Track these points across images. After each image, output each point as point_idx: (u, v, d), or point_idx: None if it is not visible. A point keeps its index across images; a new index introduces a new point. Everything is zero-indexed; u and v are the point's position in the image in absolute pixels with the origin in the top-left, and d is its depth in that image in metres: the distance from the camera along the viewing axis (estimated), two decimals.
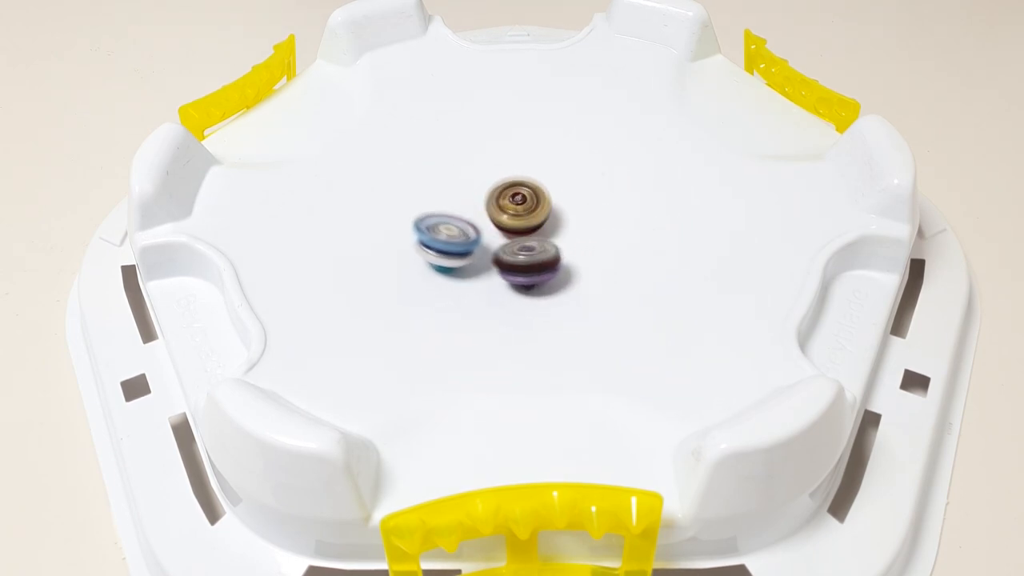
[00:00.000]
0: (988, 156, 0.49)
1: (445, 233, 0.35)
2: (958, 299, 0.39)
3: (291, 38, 0.46)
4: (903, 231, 0.36)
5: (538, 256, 0.35)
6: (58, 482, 0.35)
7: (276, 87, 0.44)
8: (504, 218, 0.36)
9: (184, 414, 0.34)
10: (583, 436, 0.31)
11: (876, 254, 0.36)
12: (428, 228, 0.35)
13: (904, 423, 0.34)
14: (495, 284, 0.36)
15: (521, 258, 0.35)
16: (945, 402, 0.36)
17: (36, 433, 0.37)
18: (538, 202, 0.36)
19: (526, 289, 0.35)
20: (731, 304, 0.34)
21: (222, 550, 0.31)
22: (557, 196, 0.38)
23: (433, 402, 0.32)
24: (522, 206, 0.36)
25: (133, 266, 0.38)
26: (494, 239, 0.37)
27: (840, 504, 0.32)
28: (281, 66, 0.45)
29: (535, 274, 0.35)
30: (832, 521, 0.32)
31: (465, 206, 0.38)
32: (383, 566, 0.29)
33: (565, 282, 0.36)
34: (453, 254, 0.35)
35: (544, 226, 0.37)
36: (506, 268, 0.35)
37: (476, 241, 0.36)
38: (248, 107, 0.43)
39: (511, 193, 0.37)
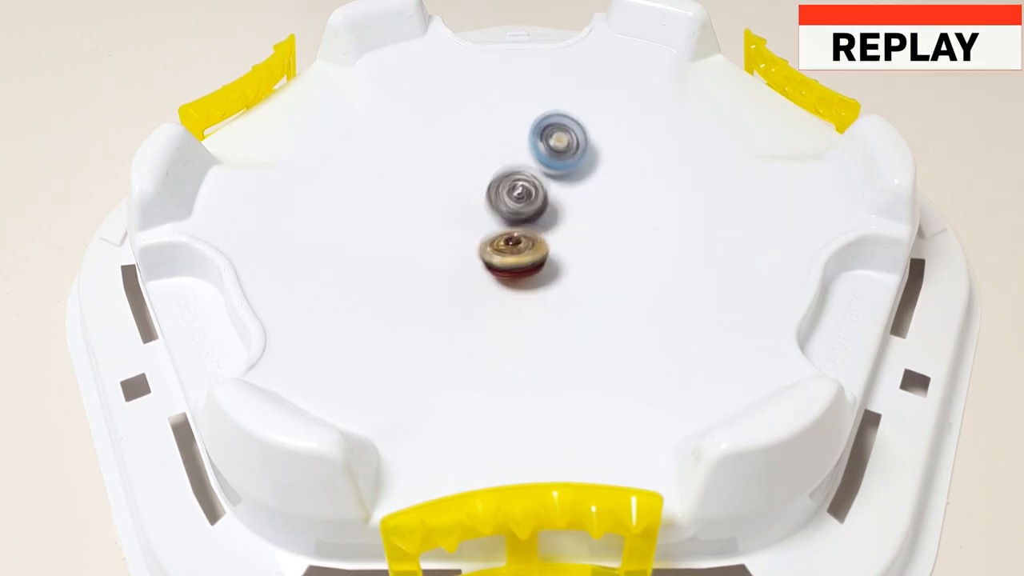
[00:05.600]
0: (988, 156, 0.49)
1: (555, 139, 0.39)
2: (958, 299, 0.39)
3: (291, 38, 0.46)
4: (903, 231, 0.36)
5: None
6: (58, 482, 0.35)
7: (276, 87, 0.44)
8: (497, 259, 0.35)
9: (184, 414, 0.34)
10: (583, 436, 0.31)
11: (876, 254, 0.36)
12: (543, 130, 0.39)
13: (904, 423, 0.34)
14: (495, 285, 0.36)
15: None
16: (945, 402, 0.36)
17: (36, 433, 0.37)
18: (533, 244, 0.35)
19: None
20: (731, 304, 0.34)
21: (222, 550, 0.31)
22: (557, 196, 0.38)
23: (433, 402, 0.32)
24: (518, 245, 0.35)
25: (133, 266, 0.38)
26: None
27: (840, 504, 0.32)
28: (281, 66, 0.45)
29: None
30: (832, 521, 0.32)
31: (465, 206, 0.38)
32: (383, 566, 0.29)
33: (565, 282, 0.36)
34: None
35: (545, 226, 0.37)
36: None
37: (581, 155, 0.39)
38: (248, 107, 0.43)
39: (503, 238, 0.36)
